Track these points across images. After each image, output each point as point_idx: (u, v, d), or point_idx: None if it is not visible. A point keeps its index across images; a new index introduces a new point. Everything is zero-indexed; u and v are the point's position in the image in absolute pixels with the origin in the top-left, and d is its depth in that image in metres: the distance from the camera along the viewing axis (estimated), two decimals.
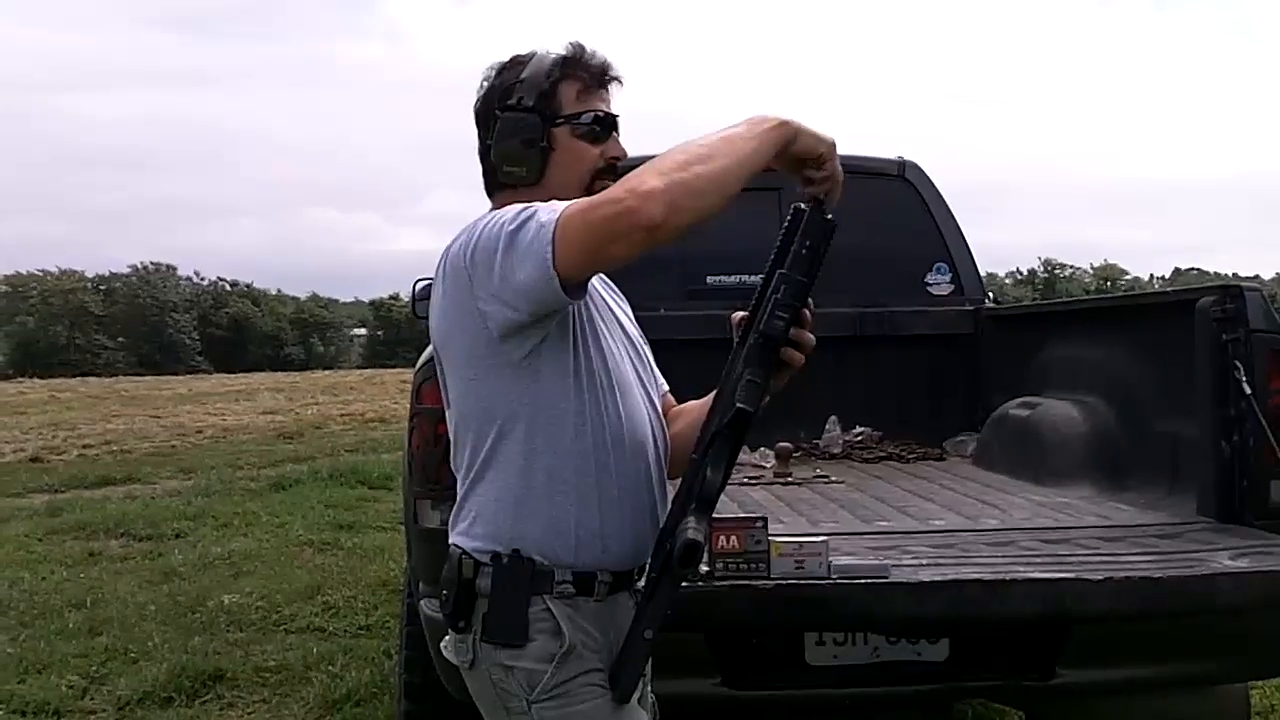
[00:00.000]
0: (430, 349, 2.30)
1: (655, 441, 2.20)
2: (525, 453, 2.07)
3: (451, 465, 2.19)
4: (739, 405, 1.99)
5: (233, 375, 53.40)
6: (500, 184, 2.23)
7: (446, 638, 2.16)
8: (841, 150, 2.06)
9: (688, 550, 1.92)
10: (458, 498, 2.15)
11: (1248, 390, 3.30)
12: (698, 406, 2.31)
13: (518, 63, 2.24)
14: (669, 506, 2.09)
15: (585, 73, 2.23)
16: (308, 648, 5.83)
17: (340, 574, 7.51)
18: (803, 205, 2.03)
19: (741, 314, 2.09)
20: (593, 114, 2.22)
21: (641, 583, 2.15)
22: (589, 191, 2.11)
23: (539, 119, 2.19)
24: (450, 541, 2.15)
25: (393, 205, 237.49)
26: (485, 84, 2.27)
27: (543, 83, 2.20)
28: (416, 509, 3.33)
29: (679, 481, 2.08)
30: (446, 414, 2.21)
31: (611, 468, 2.10)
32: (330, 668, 5.46)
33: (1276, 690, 4.86)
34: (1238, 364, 3.34)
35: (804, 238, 2.00)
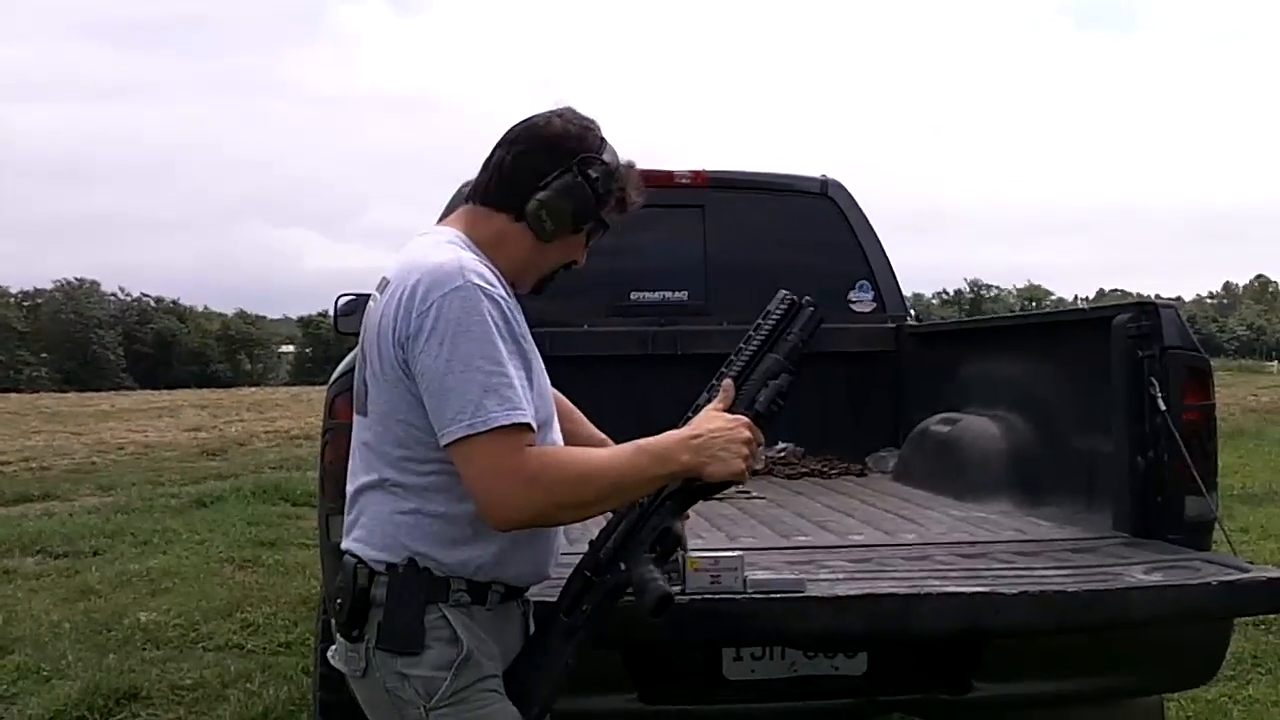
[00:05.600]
0: (345, 362, 2.26)
1: None
2: (435, 469, 2.07)
3: (349, 465, 2.19)
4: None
5: (157, 392, 52.51)
6: (500, 206, 2.21)
7: (334, 646, 2.15)
8: (768, 169, 2.10)
9: (661, 602, 2.02)
10: (350, 499, 2.17)
11: (1163, 406, 3.34)
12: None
13: (595, 132, 2.25)
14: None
15: (628, 197, 2.27)
16: (225, 665, 5.73)
17: (261, 591, 7.39)
18: (795, 298, 2.23)
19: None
20: (606, 229, 2.29)
21: (529, 594, 2.23)
22: (544, 279, 2.25)
23: (596, 209, 2.22)
24: (344, 547, 2.15)
25: (326, 221, 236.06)
26: (567, 123, 2.24)
27: (613, 185, 2.23)
28: (329, 525, 3.28)
29: None
30: (355, 420, 2.19)
31: None
32: (248, 685, 5.36)
33: (1191, 702, 4.91)
34: (1153, 380, 3.38)
35: (803, 331, 2.23)
